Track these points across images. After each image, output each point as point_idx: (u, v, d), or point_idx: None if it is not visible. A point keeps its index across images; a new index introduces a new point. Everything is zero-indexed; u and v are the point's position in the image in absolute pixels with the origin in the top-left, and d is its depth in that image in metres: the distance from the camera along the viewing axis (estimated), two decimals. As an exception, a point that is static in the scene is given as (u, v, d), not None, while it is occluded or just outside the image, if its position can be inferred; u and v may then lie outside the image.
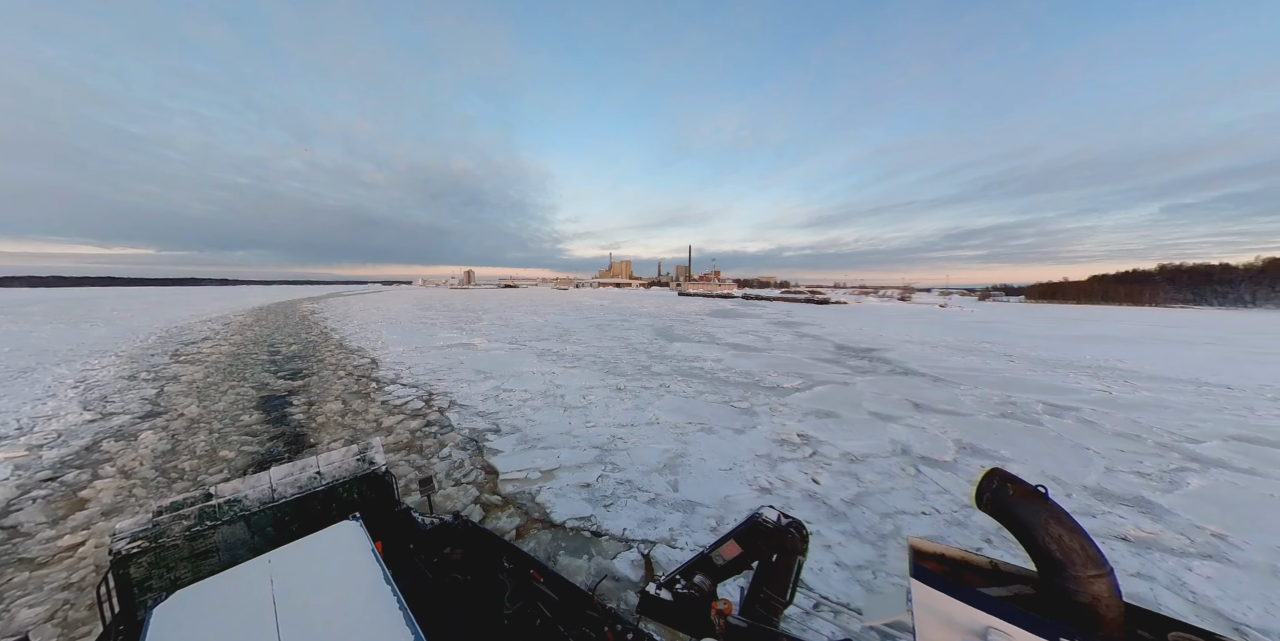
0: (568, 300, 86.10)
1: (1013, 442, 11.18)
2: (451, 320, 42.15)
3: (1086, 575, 1.56)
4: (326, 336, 30.77)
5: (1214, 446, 11.35)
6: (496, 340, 28.40)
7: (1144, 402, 15.78)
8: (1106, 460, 10.21)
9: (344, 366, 20.04)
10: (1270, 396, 17.11)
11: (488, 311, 53.70)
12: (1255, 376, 21.31)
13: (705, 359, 22.17)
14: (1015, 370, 21.49)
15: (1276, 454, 10.94)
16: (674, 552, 6.29)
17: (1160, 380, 19.96)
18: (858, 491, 8.22)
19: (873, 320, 52.38)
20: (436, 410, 13.24)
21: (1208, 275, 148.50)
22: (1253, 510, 8.02)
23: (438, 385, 16.20)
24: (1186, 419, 13.78)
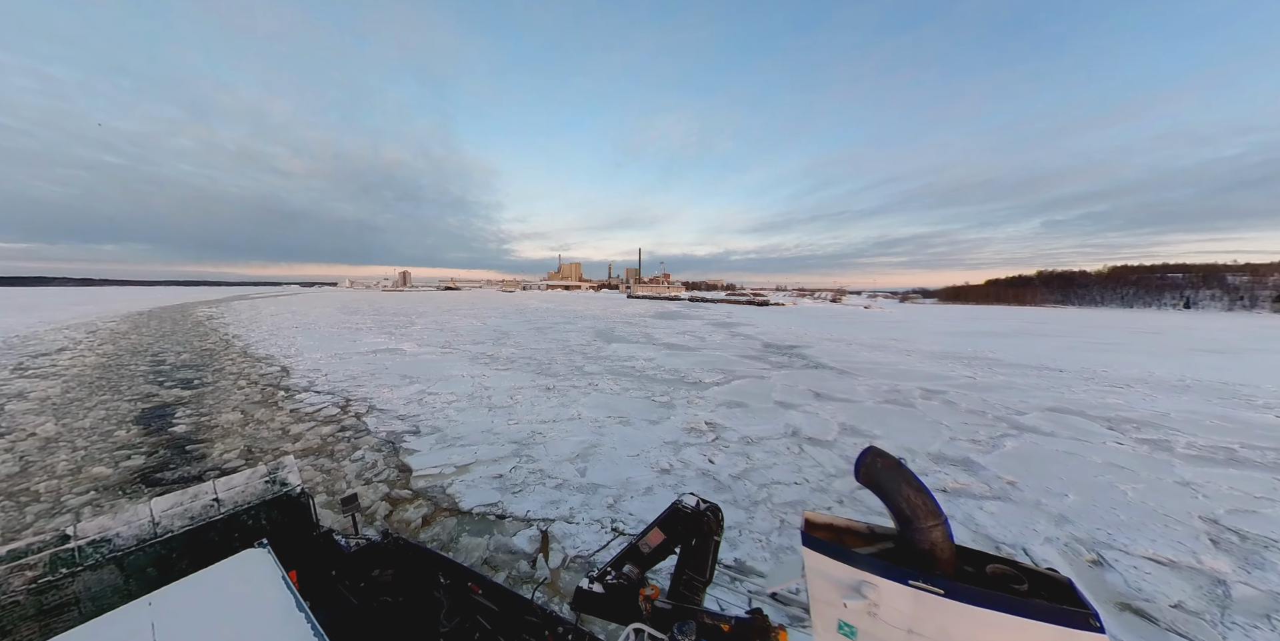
0: (512, 303, 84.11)
1: (886, 423, 13.22)
2: (380, 325, 39.87)
3: (927, 525, 1.85)
4: (227, 344, 27.93)
5: (1033, 417, 14.18)
6: (428, 345, 27.52)
7: (997, 385, 19.07)
8: (952, 432, 12.45)
9: (247, 375, 18.57)
10: (1087, 377, 21.37)
11: (423, 315, 51.27)
12: (1083, 362, 26.33)
13: (638, 358, 23.20)
14: (908, 362, 24.77)
15: (1073, 419, 13.93)
16: (570, 527, 7.02)
17: (1015, 366, 24.05)
18: (745, 467, 9.47)
19: (803, 320, 56.87)
20: (353, 416, 12.92)
21: (1071, 280, 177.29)
22: (1040, 463, 10.34)
23: (357, 391, 15.67)
24: (1022, 396, 16.93)
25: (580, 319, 48.91)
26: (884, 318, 71.64)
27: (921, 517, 1.85)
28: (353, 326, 38.18)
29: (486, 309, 64.13)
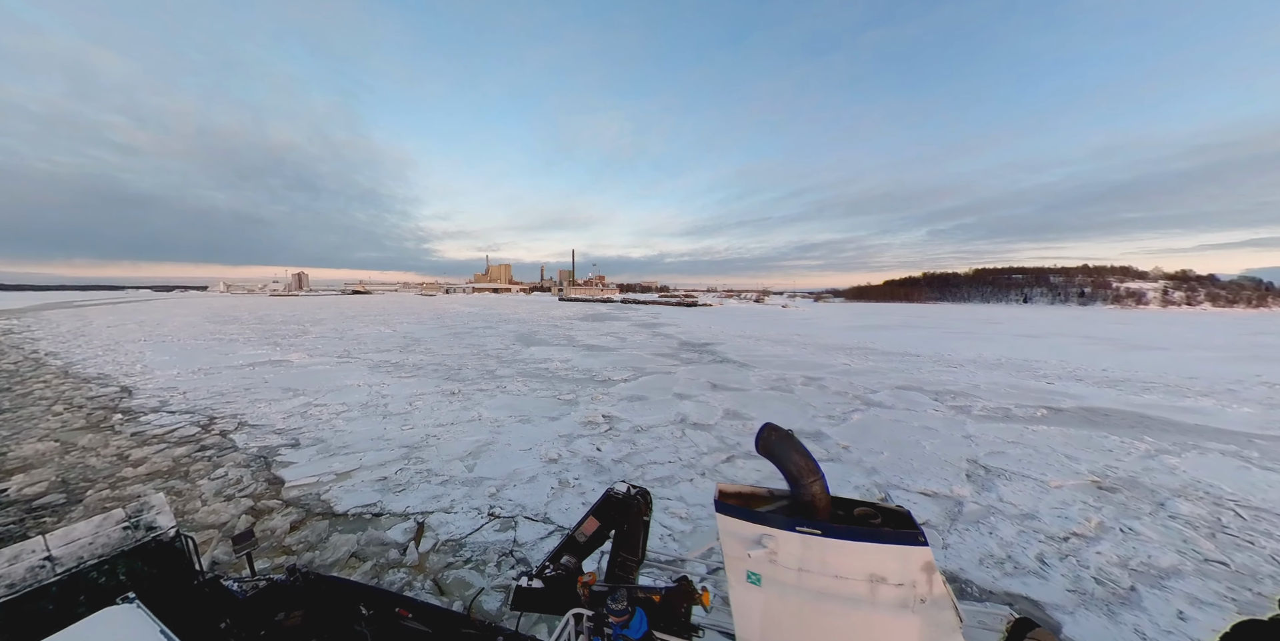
0: (432, 308, 78.99)
1: (765, 407, 15.25)
2: (265, 334, 35.52)
3: (809, 482, 2.28)
4: (37, 364, 23.01)
5: (882, 394, 17.22)
6: (322, 354, 25.36)
7: (866, 370, 22.60)
8: (815, 410, 14.79)
9: (68, 399, 15.83)
10: (934, 360, 26.11)
11: (320, 322, 46.44)
12: (936, 348, 31.95)
13: (554, 360, 23.69)
14: (803, 354, 28.17)
15: (911, 394, 17.20)
16: (448, 516, 7.50)
17: (885, 354, 28.52)
18: (629, 452, 10.57)
19: (724, 320, 61.03)
20: (216, 434, 11.88)
21: (947, 280, 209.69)
22: (872, 430, 12.81)
23: (225, 408, 14.28)
24: (880, 378, 20.35)
25: (504, 323, 47.77)
26: (796, 315, 79.19)
27: (805, 476, 2.28)
28: (226, 337, 33.56)
29: (400, 314, 59.70)
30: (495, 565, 6.28)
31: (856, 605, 2.21)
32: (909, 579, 2.16)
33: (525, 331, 39.00)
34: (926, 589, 2.17)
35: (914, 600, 2.17)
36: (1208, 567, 6.63)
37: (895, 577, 2.16)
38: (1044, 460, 10.79)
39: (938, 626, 2.20)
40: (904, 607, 2.18)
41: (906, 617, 2.17)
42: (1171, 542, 7.27)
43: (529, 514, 7.69)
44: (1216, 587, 6.17)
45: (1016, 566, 6.59)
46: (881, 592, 2.17)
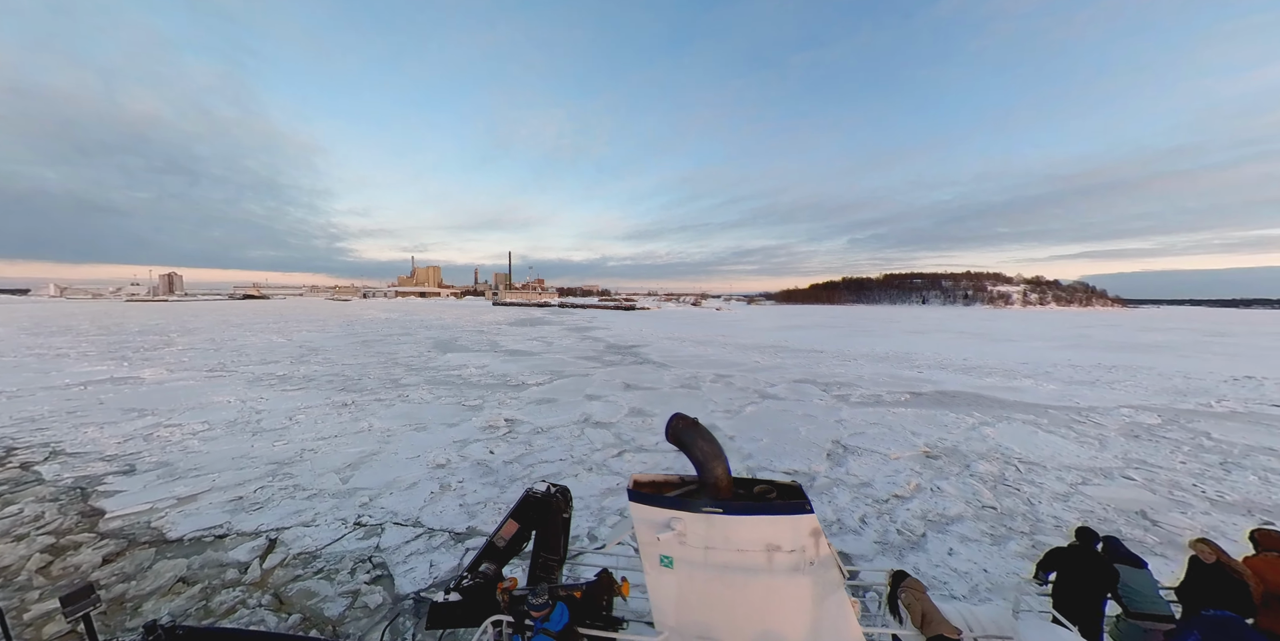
0: (344, 314, 71.97)
1: (669, 403, 16.17)
2: (109, 348, 30.18)
3: (712, 465, 2.52)
4: None
5: (780, 388, 19.01)
6: (187, 369, 22.23)
7: (773, 366, 24.71)
8: (716, 405, 15.98)
9: None
10: (835, 355, 29.21)
11: (193, 332, 40.38)
12: (840, 345, 35.70)
13: (470, 366, 23.00)
14: (721, 354, 30.01)
15: (805, 386, 19.19)
16: (307, 530, 7.19)
17: (795, 351, 31.33)
18: (522, 453, 10.76)
19: (658, 322, 62.84)
20: (16, 467, 10.08)
21: (862, 284, 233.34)
22: (761, 421, 14.17)
23: (35, 436, 12.11)
24: (783, 374, 22.40)
25: (424, 329, 45.04)
26: (727, 318, 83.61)
27: (709, 460, 2.53)
28: (51, 351, 28.01)
29: (301, 322, 53.73)
30: (349, 572, 6.17)
31: (757, 574, 2.46)
32: (800, 544, 2.45)
33: (446, 338, 37.17)
34: (815, 551, 2.48)
35: (805, 563, 2.46)
36: (982, 512, 8.36)
37: (789, 544, 2.44)
38: (894, 437, 12.71)
39: (826, 583, 2.53)
40: (797, 570, 2.47)
41: (799, 579, 2.48)
42: (963, 496, 9.03)
43: (400, 519, 7.60)
44: (982, 527, 7.82)
45: (842, 527, 7.81)
46: (778, 559, 2.44)
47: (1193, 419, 15.25)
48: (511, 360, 25.36)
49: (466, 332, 42.13)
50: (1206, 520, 8.25)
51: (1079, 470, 10.52)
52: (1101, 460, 11.25)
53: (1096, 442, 12.62)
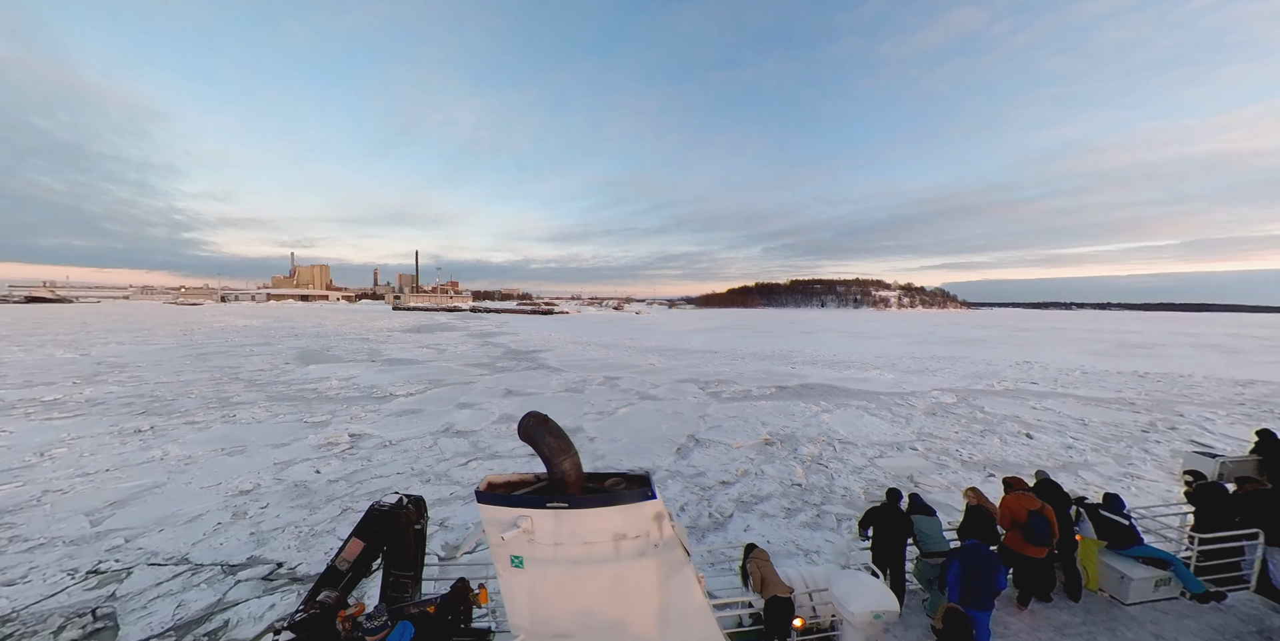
0: (185, 321, 59.89)
1: (547, 408, 16.07)
2: None
3: (560, 460, 2.53)
4: None
5: (662, 389, 19.94)
6: (-90, 396, 16.91)
7: (665, 368, 25.83)
8: (592, 407, 16.26)
9: None
10: (727, 354, 31.44)
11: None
12: (736, 345, 38.49)
13: (334, 379, 20.69)
14: (622, 356, 30.63)
15: (687, 386, 20.32)
16: (10, 589, 5.86)
17: (694, 353, 33.11)
18: (355, 470, 9.94)
19: (573, 326, 62.34)
20: None
21: (773, 289, 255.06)
22: (629, 421, 14.71)
23: None
24: (671, 375, 23.53)
25: (293, 338, 39.41)
26: (644, 321, 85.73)
27: (556, 455, 2.53)
28: None
29: (114, 332, 43.68)
30: (53, 632, 5.15)
31: (605, 563, 2.54)
32: (644, 529, 2.55)
33: (317, 347, 32.94)
34: (658, 534, 2.59)
35: (649, 546, 2.57)
36: (789, 490, 9.56)
37: (634, 531, 2.53)
38: (745, 428, 14.01)
39: (671, 563, 2.67)
40: (642, 555, 2.57)
41: (645, 562, 2.59)
42: (780, 476, 10.23)
43: (158, 559, 6.54)
44: (784, 503, 8.93)
45: (665, 513, 8.41)
46: (624, 547, 2.53)
47: (978, 397, 19.05)
48: (388, 370, 23.33)
49: (346, 341, 37.86)
50: (954, 477, 10.32)
51: (881, 445, 12.54)
52: (902, 436, 13.53)
53: (904, 421, 15.16)
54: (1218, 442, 13.51)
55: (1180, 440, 13.54)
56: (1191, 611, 4.63)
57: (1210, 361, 32.04)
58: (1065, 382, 22.90)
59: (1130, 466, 11.41)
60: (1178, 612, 4.61)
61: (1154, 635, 4.32)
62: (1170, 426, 15.01)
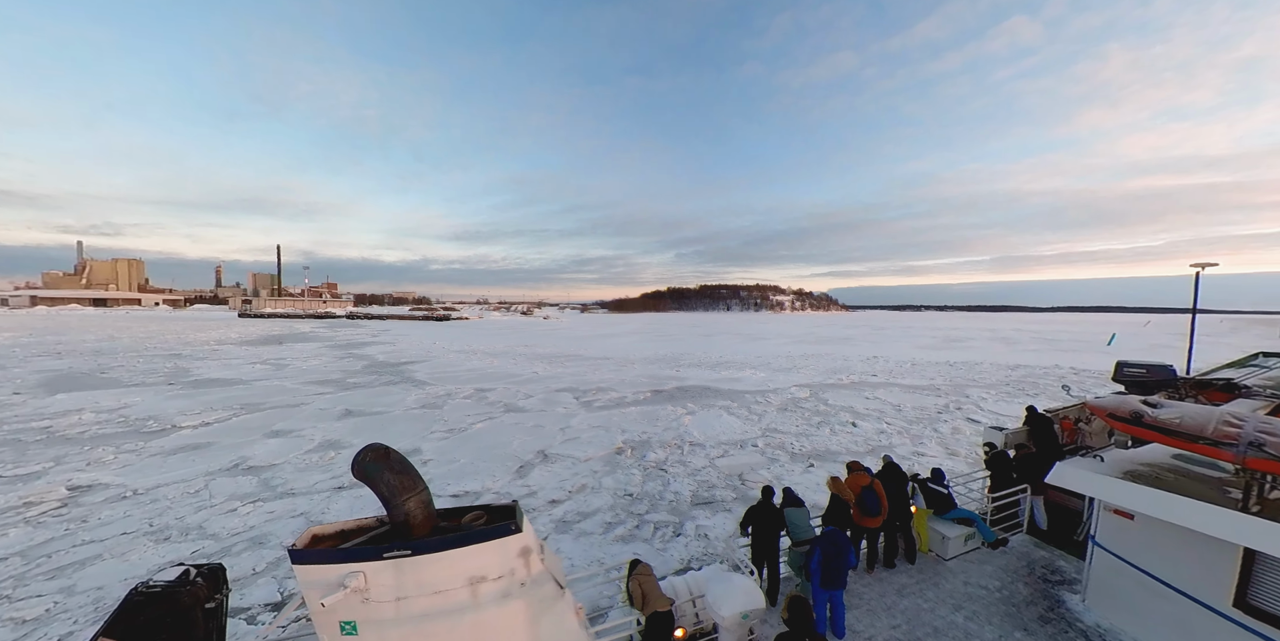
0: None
1: (387, 429, 14.25)
2: None
3: (403, 500, 2.13)
4: None
5: (534, 400, 19.03)
6: None
7: (550, 376, 24.89)
8: (444, 424, 14.78)
9: None
10: (618, 360, 31.51)
11: None
12: (632, 350, 38.89)
13: (89, 410, 16.08)
14: (507, 366, 28.92)
15: (562, 395, 19.68)
16: None
17: (583, 359, 32.60)
18: (44, 539, 7.48)
19: (467, 333, 57.98)
20: None
21: (684, 293, 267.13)
22: (480, 438, 13.60)
23: None
24: (551, 384, 22.69)
25: (50, 357, 30.27)
26: (551, 327, 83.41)
27: (398, 495, 2.13)
28: None
29: None
30: None
31: (462, 613, 2.19)
32: (508, 568, 2.24)
33: (83, 369, 25.61)
34: (525, 571, 2.29)
35: (515, 586, 2.27)
36: (619, 502, 9.36)
37: (495, 571, 2.22)
38: (603, 438, 13.76)
39: (542, 600, 2.38)
40: (507, 596, 2.25)
41: (511, 605, 2.26)
42: (617, 488, 10.02)
43: None
44: (607, 518, 8.68)
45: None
46: (484, 591, 2.20)
47: (827, 390, 21.40)
48: (187, 395, 18.95)
49: (144, 359, 30.32)
50: (779, 470, 11.10)
51: (728, 444, 13.18)
52: (750, 432, 14.42)
53: (757, 417, 16.28)
54: (986, 418, 16.70)
55: (961, 418, 16.46)
56: (989, 557, 5.60)
57: (996, 350, 40.52)
58: (897, 373, 26.94)
59: (920, 445, 13.46)
60: (979, 559, 5.55)
61: (964, 582, 5.11)
62: (958, 407, 18.24)
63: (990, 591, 4.97)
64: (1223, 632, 3.68)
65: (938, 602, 4.74)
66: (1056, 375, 26.65)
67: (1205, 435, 3.49)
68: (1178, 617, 3.97)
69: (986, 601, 4.79)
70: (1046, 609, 4.72)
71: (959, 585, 5.04)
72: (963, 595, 4.88)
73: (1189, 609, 3.88)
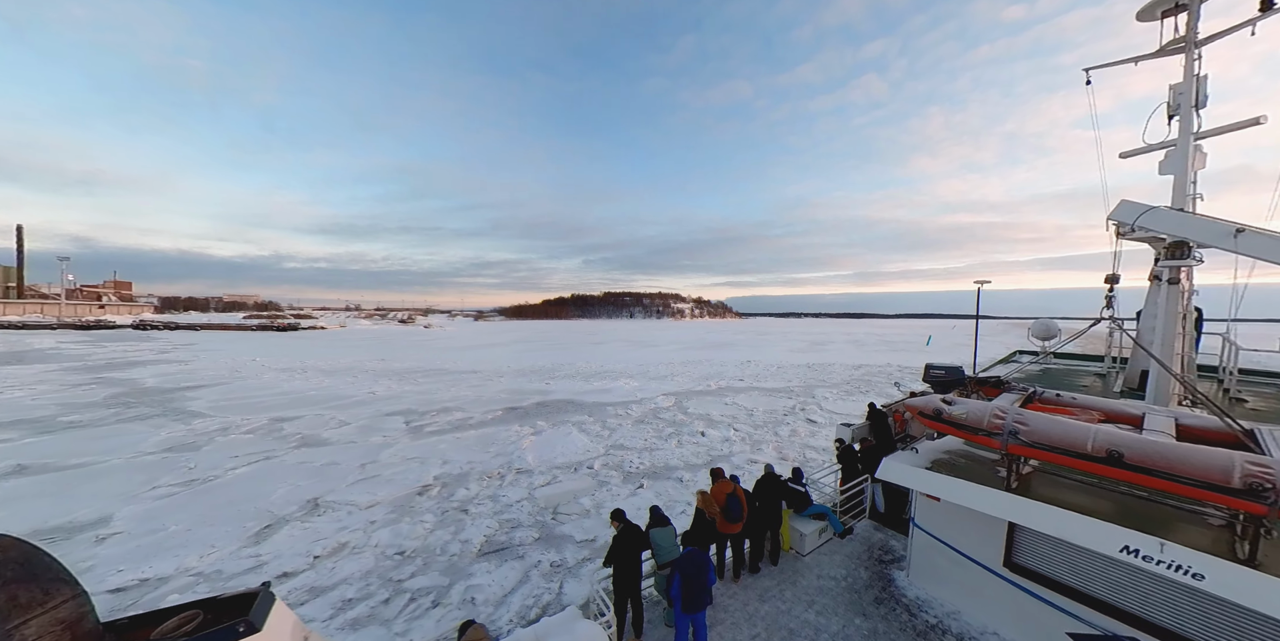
0: None
1: (74, 490, 10.17)
2: None
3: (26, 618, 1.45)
4: None
5: (351, 428, 15.76)
6: None
7: (389, 396, 21.29)
8: (183, 473, 11.12)
9: None
10: (485, 374, 28.66)
11: None
12: (507, 361, 36.09)
13: None
14: (335, 386, 24.27)
15: (390, 421, 16.65)
16: None
17: (446, 374, 29.05)
18: None
19: (312, 346, 48.87)
20: None
21: (587, 300, 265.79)
22: (240, 484, 10.41)
23: None
24: (384, 407, 19.31)
25: None
26: (432, 336, 75.24)
27: (14, 615, 1.45)
28: None
29: None
30: None
31: None
32: None
33: None
34: None
35: None
36: (379, 565, 7.44)
37: None
38: (415, 472, 11.52)
39: None
40: None
41: None
42: (387, 545, 8.04)
43: None
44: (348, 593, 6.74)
45: None
46: None
47: (691, 397, 21.63)
48: None
49: None
50: (605, 495, 10.14)
51: (562, 468, 11.92)
52: (592, 452, 13.38)
53: (609, 433, 15.40)
54: (824, 417, 18.13)
55: (802, 420, 17.59)
56: (839, 547, 5.96)
57: (848, 352, 46.59)
58: (763, 377, 28.76)
59: (758, 451, 13.76)
60: (830, 550, 5.87)
61: (817, 576, 5.34)
62: (802, 408, 19.61)
63: (838, 581, 5.29)
64: (997, 586, 4.40)
65: (794, 602, 4.92)
66: (888, 373, 30.92)
67: (982, 427, 4.04)
68: (969, 580, 4.66)
69: (834, 592, 5.09)
70: (880, 589, 5.15)
71: (813, 579, 5.29)
72: (815, 589, 5.14)
73: (976, 571, 4.58)
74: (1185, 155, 6.38)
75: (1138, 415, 4.59)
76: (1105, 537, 3.34)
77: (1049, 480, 4.17)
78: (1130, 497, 3.78)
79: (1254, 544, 2.96)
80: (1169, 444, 3.37)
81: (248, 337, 63.49)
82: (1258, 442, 3.78)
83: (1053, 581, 4.08)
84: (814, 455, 13.09)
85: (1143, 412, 4.66)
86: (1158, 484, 3.18)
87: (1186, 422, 4.33)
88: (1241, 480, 2.82)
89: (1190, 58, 6.46)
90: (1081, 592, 3.92)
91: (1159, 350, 6.22)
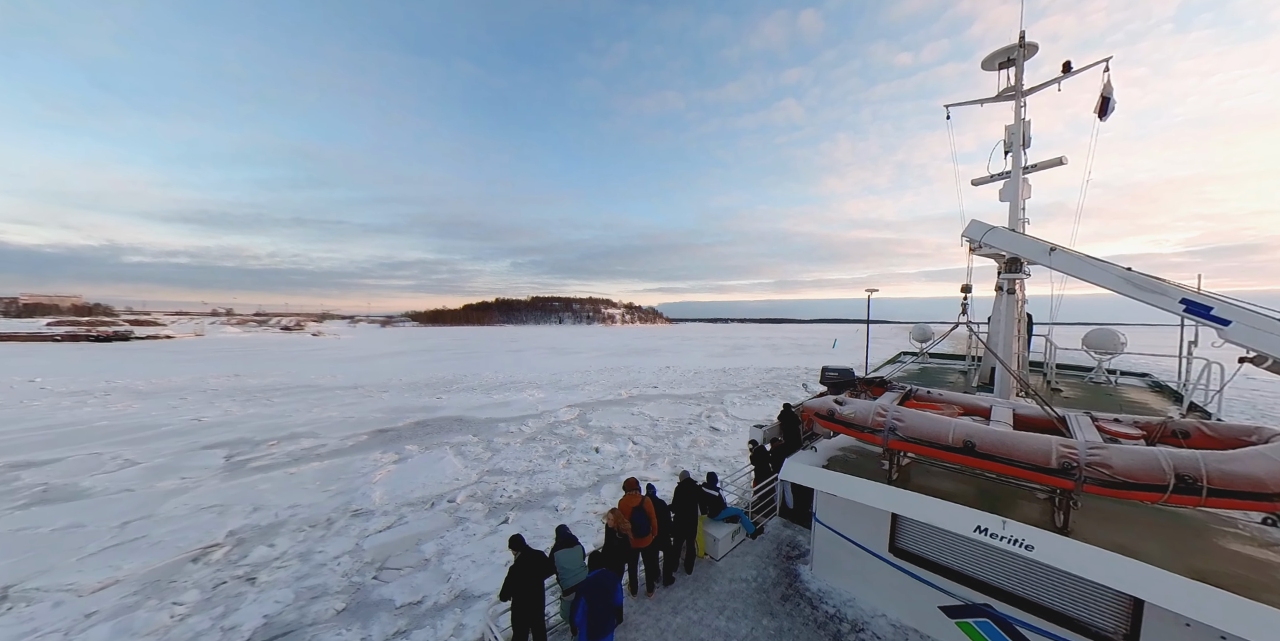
0: None
1: None
2: None
3: None
4: None
5: (137, 469, 12.28)
6: None
7: (218, 423, 17.37)
8: None
9: None
10: (371, 388, 25.02)
11: None
12: (402, 374, 32.13)
13: None
14: (145, 412, 19.50)
15: (203, 455, 13.29)
16: None
17: (315, 391, 24.89)
18: None
19: (129, 362, 39.91)
20: None
21: (513, 305, 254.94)
22: None
23: None
24: (197, 439, 15.61)
25: None
26: (317, 346, 66.19)
27: None
28: None
29: None
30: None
31: None
32: None
33: None
34: None
35: None
36: None
37: None
38: (202, 528, 8.90)
39: None
40: None
41: None
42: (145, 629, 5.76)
43: None
44: None
45: None
46: None
47: (597, 409, 20.43)
48: None
49: None
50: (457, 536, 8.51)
51: (415, 504, 10.03)
52: (462, 480, 11.59)
53: (490, 454, 13.63)
54: (728, 424, 17.95)
55: (705, 428, 17.21)
56: (750, 547, 5.94)
57: (763, 356, 48.79)
58: (677, 383, 28.50)
59: (652, 466, 12.94)
60: (743, 552, 5.83)
61: (729, 580, 5.27)
62: (709, 415, 19.33)
63: (748, 583, 5.25)
64: (885, 572, 4.63)
65: (706, 610, 4.84)
66: (797, 376, 32.39)
67: (868, 425, 4.24)
68: (861, 568, 4.86)
69: (744, 595, 5.05)
70: (787, 586, 5.17)
71: (725, 584, 5.24)
72: (727, 594, 5.07)
73: (866, 559, 4.79)
74: (1016, 185, 7.65)
75: (987, 407, 5.09)
76: (962, 519, 3.78)
77: (924, 470, 4.60)
78: (985, 481, 4.30)
79: (1066, 514, 3.47)
80: (1008, 432, 3.75)
81: (40, 351, 50.75)
82: (1068, 427, 4.31)
83: (930, 562, 4.40)
84: (709, 466, 12.53)
85: (990, 404, 5.14)
86: (1001, 468, 3.56)
87: (1021, 412, 4.86)
88: (1057, 461, 3.29)
89: (1019, 103, 7.81)
90: (953, 570, 4.26)
91: (1001, 350, 7.09)
